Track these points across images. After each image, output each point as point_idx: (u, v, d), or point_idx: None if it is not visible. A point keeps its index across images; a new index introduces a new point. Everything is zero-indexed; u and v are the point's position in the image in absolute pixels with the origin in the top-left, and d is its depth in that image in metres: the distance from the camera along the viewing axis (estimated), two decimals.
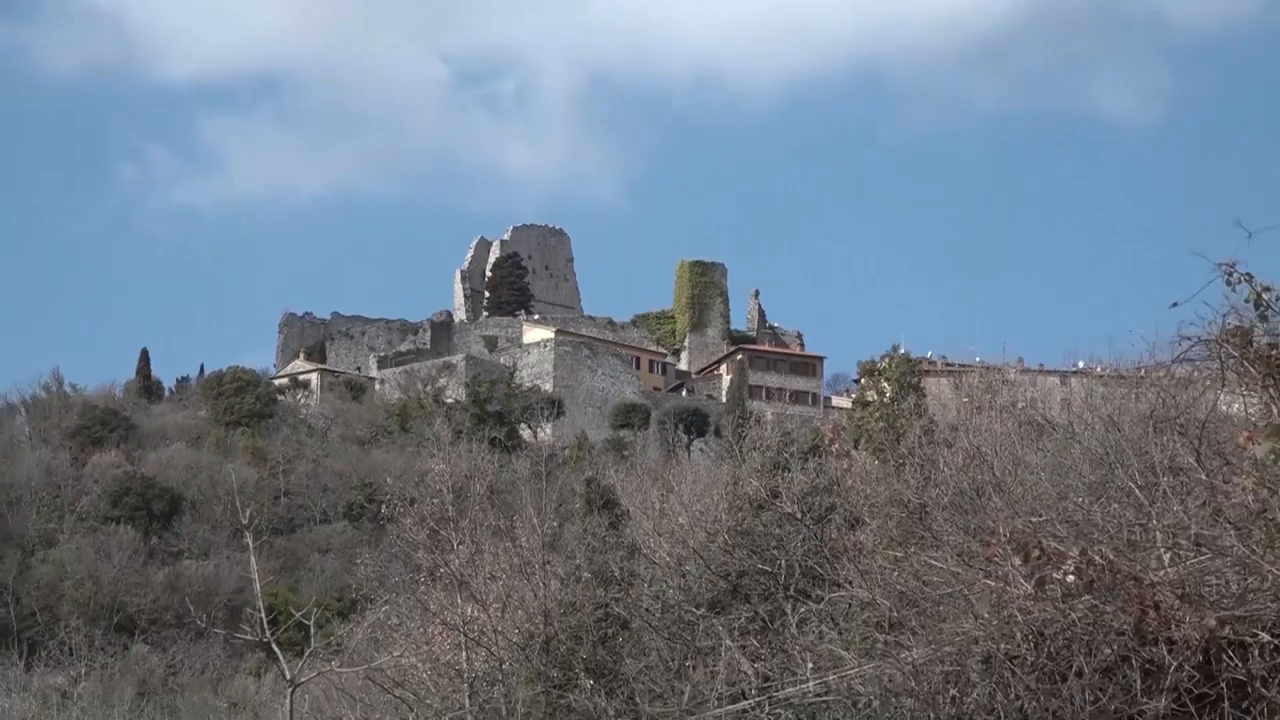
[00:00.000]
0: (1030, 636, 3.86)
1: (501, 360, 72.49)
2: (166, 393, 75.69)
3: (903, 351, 55.75)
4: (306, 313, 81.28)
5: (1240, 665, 3.78)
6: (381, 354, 75.86)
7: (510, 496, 14.72)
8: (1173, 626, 3.79)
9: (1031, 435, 9.96)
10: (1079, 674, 3.69)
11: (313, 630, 4.38)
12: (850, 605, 5.24)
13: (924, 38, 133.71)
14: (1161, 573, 4.14)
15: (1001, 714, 3.82)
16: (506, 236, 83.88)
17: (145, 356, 72.69)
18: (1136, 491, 4.60)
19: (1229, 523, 4.01)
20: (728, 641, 5.14)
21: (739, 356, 77.01)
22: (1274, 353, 3.93)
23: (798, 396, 75.13)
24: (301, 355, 75.97)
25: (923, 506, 7.02)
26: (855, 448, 16.90)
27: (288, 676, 3.93)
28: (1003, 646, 3.95)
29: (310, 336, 79.45)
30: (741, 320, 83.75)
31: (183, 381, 77.45)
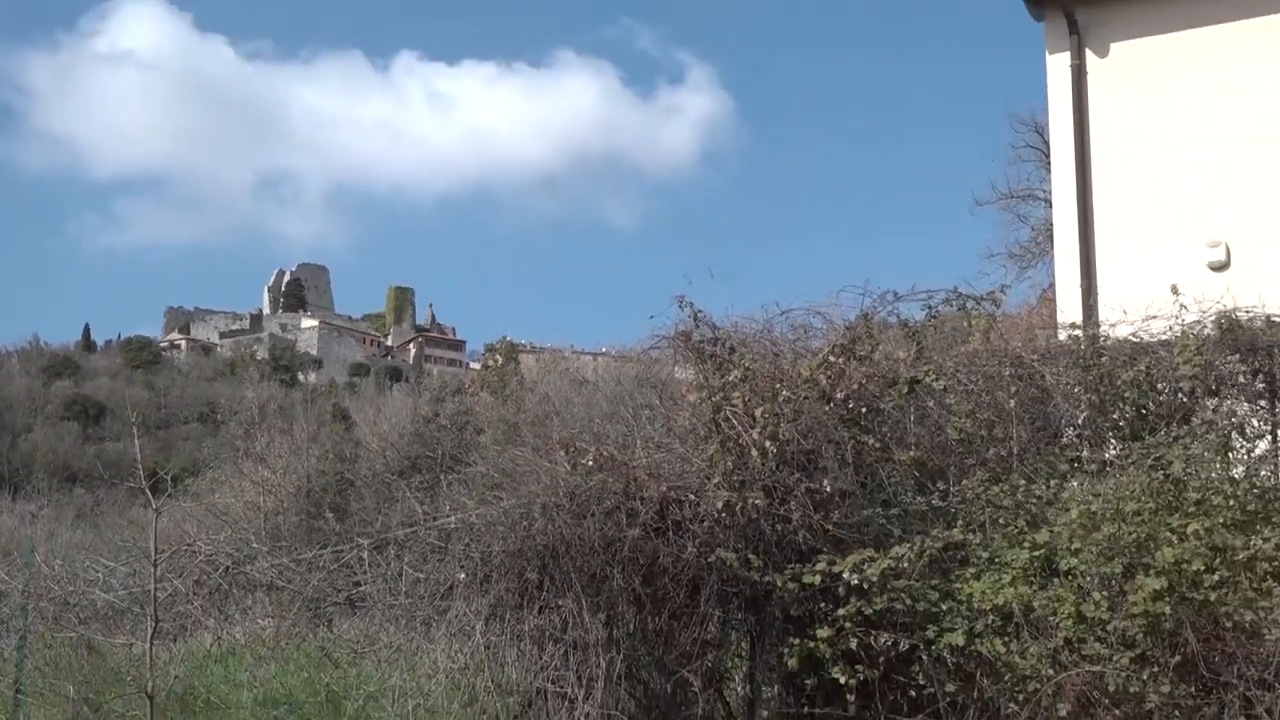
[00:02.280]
0: (567, 494, 6.67)
1: (288, 336, 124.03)
2: (98, 348, 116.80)
3: (508, 338, 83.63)
4: (180, 305, 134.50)
5: (679, 512, 6.96)
6: (221, 330, 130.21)
7: (290, 412, 22.87)
8: (643, 489, 6.72)
9: (575, 387, 15.03)
10: (592, 515, 6.67)
11: (168, 483, 6.06)
12: (474, 476, 8.08)
13: (513, 169, 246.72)
14: (639, 461, 7.31)
15: (550, 536, 6.49)
16: (294, 268, 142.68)
17: (87, 329, 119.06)
18: (629, 418, 7.76)
19: (676, 436, 7.30)
20: (408, 494, 7.72)
21: (419, 339, 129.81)
22: (701, 344, 7.17)
23: (452, 362, 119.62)
24: (176, 330, 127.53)
25: (516, 424, 10.71)
26: (481, 391, 24.95)
27: (154, 507, 5.55)
28: (552, 500, 6.65)
29: (181, 318, 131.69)
30: (423, 318, 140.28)
31: (108, 343, 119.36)
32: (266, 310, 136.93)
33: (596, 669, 6.49)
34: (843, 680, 6.64)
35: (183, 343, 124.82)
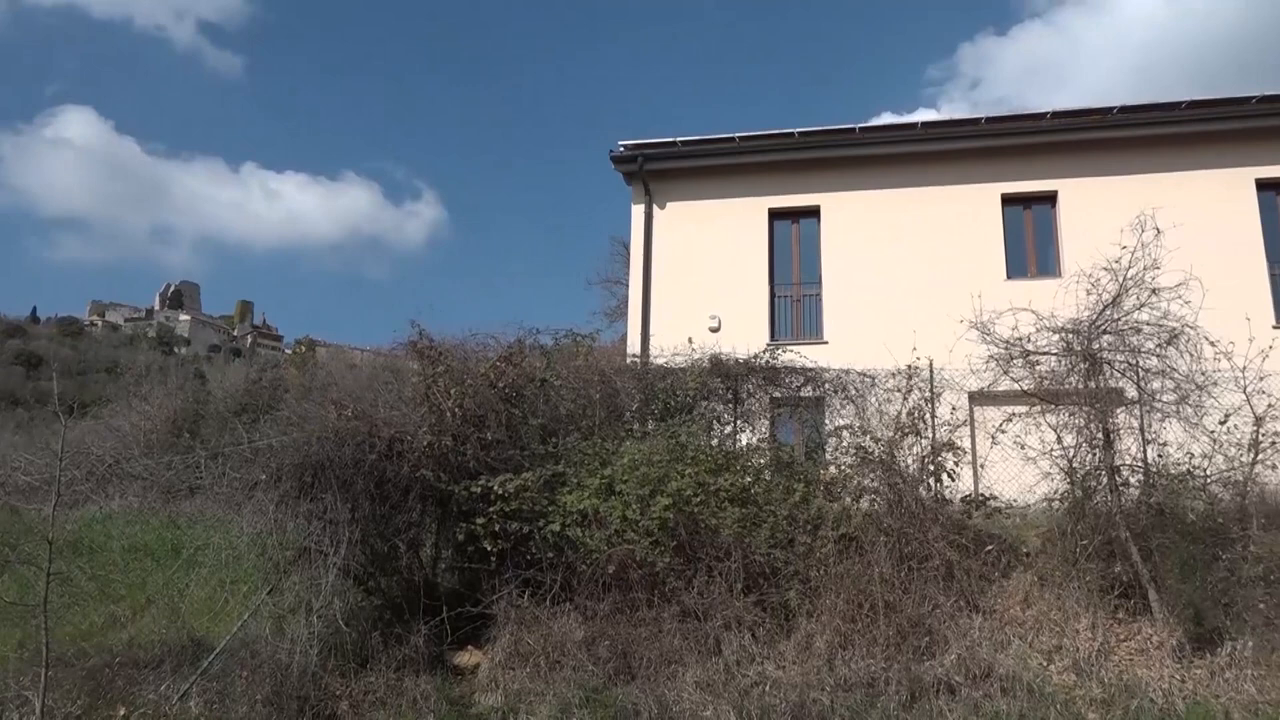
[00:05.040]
0: (334, 432, 9.22)
1: (170, 324, 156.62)
2: (41, 322, 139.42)
3: (310, 336, 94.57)
4: (99, 299, 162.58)
5: (401, 446, 10.67)
6: (126, 316, 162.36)
7: (167, 371, 27.96)
8: (380, 431, 10.07)
9: (348, 369, 18.42)
10: (347, 445, 9.38)
11: (76, 409, 8.24)
12: (280, 418, 10.55)
13: (315, 239, 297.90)
14: (379, 414, 11.11)
15: (321, 456, 9.26)
16: (178, 282, 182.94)
17: (34, 309, 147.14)
18: (378, 389, 11.14)
19: (404, 401, 11.49)
20: (237, 426, 10.73)
21: (254, 332, 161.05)
22: (422, 349, 11.05)
23: (274, 349, 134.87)
24: (96, 314, 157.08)
25: (309, 389, 13.69)
26: (290, 367, 33.14)
27: (63, 423, 7.53)
28: (323, 434, 9.17)
29: (100, 307, 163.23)
30: (258, 320, 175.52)
31: (48, 319, 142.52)
32: (157, 307, 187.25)
33: (343, 536, 9.64)
34: (489, 548, 10.09)
35: (99, 322, 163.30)
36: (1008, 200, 18.09)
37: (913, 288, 17.38)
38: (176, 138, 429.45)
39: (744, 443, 12.35)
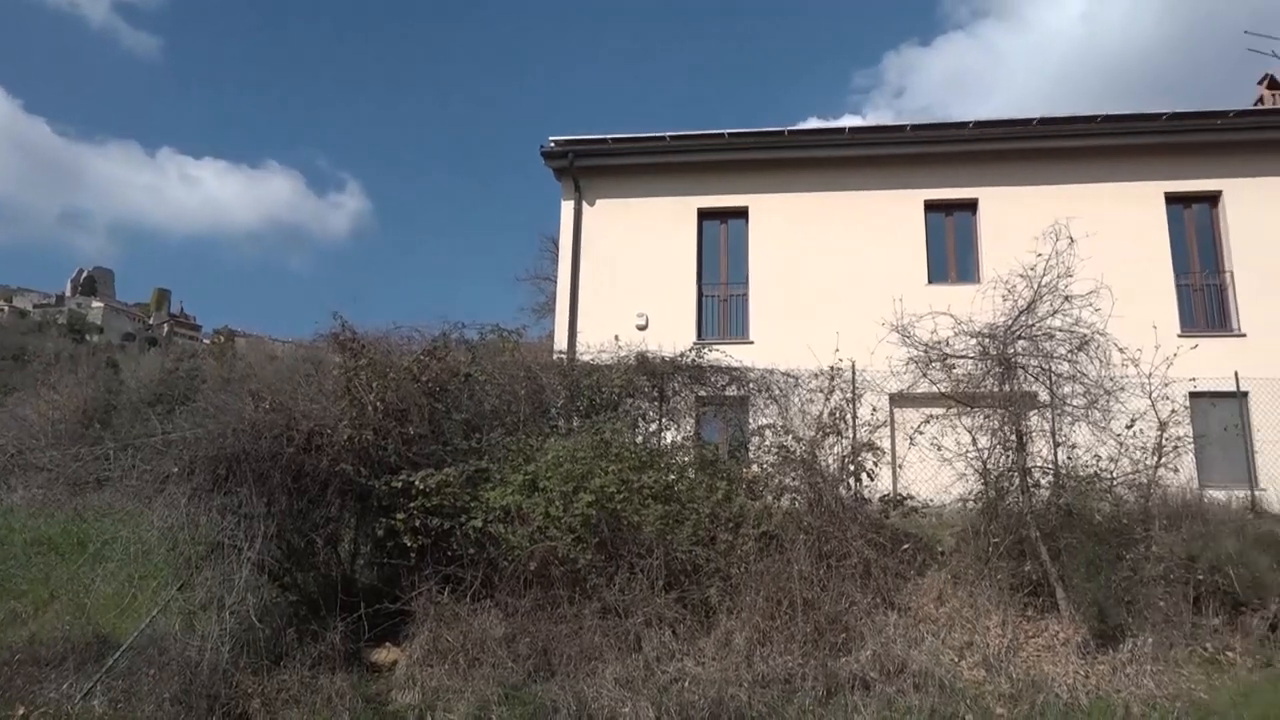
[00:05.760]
0: (251, 424, 9.12)
1: (81, 311, 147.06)
2: None
3: (228, 326, 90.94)
4: (6, 284, 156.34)
5: (320, 439, 10.77)
6: (35, 302, 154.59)
7: (78, 360, 27.91)
8: (299, 424, 10.28)
9: (268, 360, 18.18)
10: (264, 438, 9.25)
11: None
12: (196, 409, 10.31)
13: (233, 227, 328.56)
14: (299, 407, 11.26)
15: (236, 449, 9.23)
16: (91, 268, 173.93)
17: None
18: (298, 381, 11.31)
19: (324, 394, 11.21)
20: (151, 417, 10.49)
21: (170, 321, 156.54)
22: (344, 341, 11.02)
23: (192, 339, 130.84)
24: (3, 299, 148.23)
25: (228, 380, 13.41)
26: (208, 357, 30.41)
27: None
28: (240, 426, 9.05)
29: (8, 293, 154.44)
30: (175, 309, 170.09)
31: None
32: (68, 293, 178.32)
33: (258, 531, 9.42)
34: (410, 544, 9.98)
35: (6, 307, 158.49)
36: (931, 207, 18.48)
37: (837, 290, 17.66)
38: (90, 119, 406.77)
39: (669, 441, 12.43)
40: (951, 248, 18.43)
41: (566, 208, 18.49)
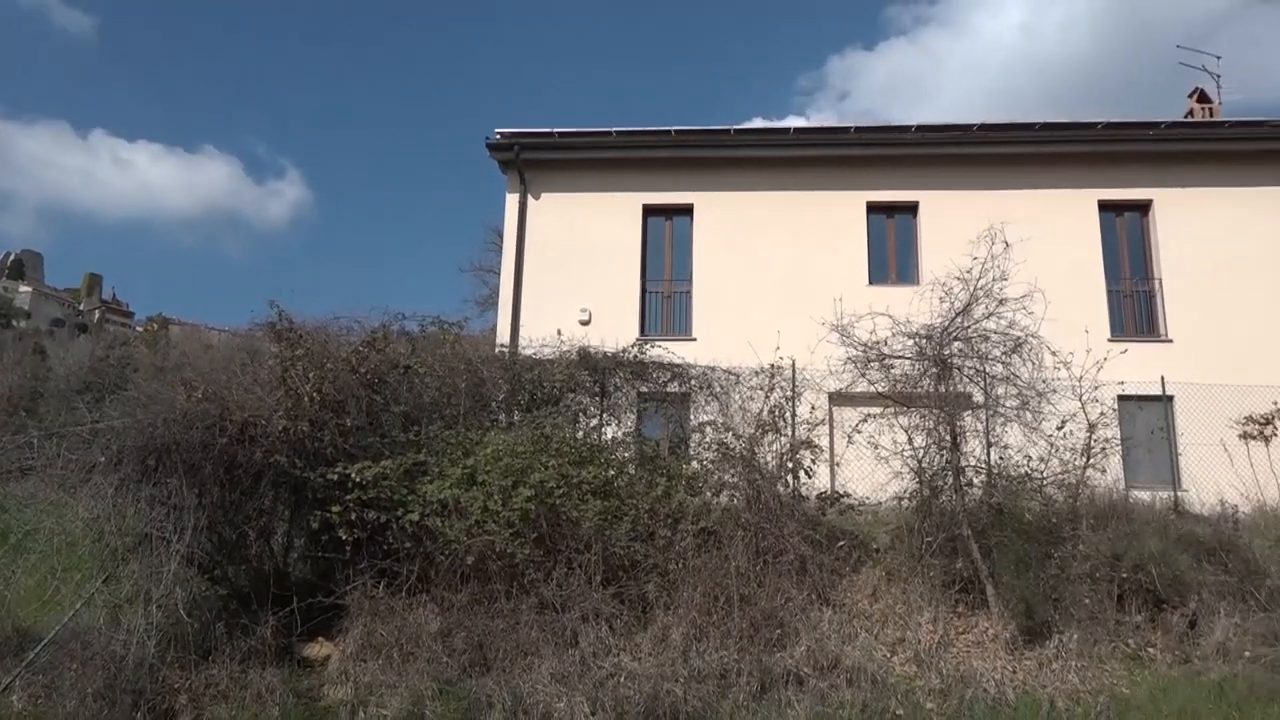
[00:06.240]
0: (182, 414, 8.99)
1: (9, 295, 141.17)
2: None
3: (162, 314, 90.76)
4: None
5: (254, 430, 10.60)
6: None
7: (3, 346, 27.31)
8: (233, 414, 10.38)
9: (203, 349, 17.65)
10: (196, 428, 9.10)
11: None
12: (127, 398, 9.78)
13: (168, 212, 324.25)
14: (233, 397, 10.65)
15: (167, 439, 8.90)
16: (19, 251, 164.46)
17: None
18: (233, 371, 10.86)
19: (259, 384, 11.06)
20: (79, 405, 10.01)
21: (102, 308, 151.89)
22: (280, 331, 10.92)
23: (124, 326, 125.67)
24: None
25: (161, 368, 13.06)
26: (141, 345, 31.83)
27: None
28: (171, 416, 8.88)
29: None
30: (107, 295, 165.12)
31: None
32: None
33: (188, 523, 9.26)
34: (345, 537, 9.88)
35: None
36: (873, 208, 18.71)
37: (779, 289, 17.80)
38: (17, 98, 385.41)
39: (609, 436, 12.43)
40: (892, 249, 18.68)
41: (511, 200, 18.37)
